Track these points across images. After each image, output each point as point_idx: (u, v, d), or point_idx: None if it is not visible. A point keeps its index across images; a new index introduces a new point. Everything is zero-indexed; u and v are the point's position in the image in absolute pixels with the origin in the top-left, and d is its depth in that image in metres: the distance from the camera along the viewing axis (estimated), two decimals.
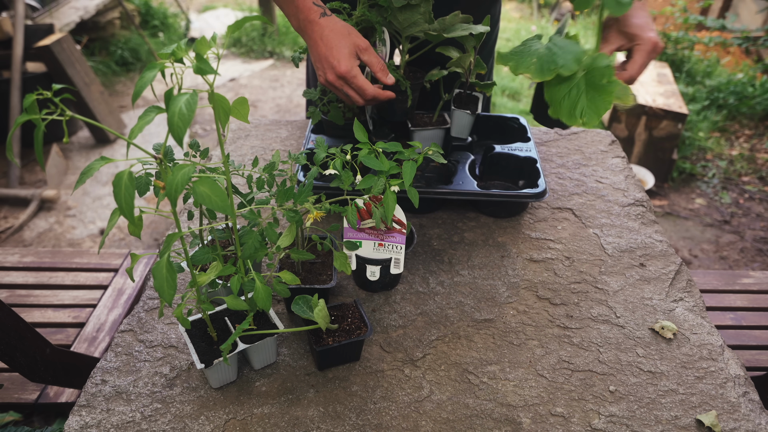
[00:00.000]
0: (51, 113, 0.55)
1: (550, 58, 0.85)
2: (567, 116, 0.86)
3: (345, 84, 1.02)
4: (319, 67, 1.03)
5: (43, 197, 2.88)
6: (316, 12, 1.01)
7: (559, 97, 0.86)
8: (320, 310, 0.79)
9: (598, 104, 0.84)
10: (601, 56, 0.86)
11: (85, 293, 1.59)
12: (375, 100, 1.03)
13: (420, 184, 1.13)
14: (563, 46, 0.86)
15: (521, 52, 0.88)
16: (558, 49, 0.86)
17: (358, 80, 1.00)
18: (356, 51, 1.01)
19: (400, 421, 0.80)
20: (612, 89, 0.83)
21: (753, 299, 1.58)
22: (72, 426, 0.78)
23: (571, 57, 0.84)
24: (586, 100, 0.85)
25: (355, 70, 1.00)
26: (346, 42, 1.00)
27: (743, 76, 3.95)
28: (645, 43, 1.00)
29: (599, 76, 0.84)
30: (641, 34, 1.01)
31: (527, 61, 0.86)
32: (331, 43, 1.00)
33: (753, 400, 0.85)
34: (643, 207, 1.24)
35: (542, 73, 0.84)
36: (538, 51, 0.87)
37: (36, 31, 3.39)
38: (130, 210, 0.58)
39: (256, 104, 4.11)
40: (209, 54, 0.59)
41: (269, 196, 0.86)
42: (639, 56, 1.01)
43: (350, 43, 1.00)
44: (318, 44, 1.01)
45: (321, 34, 1.00)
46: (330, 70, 1.01)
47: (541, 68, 0.85)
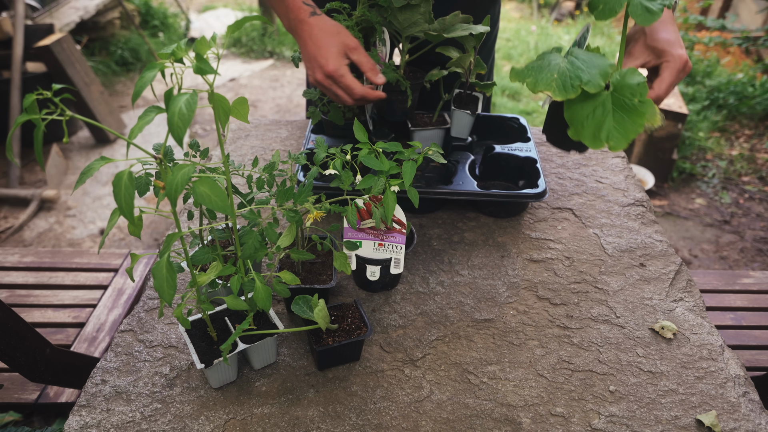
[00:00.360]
0: (51, 113, 0.55)
1: (574, 73, 0.75)
2: (590, 139, 0.76)
3: (333, 83, 1.01)
4: (309, 66, 1.03)
5: (43, 197, 2.88)
6: (305, 11, 1.02)
7: (582, 117, 0.76)
8: (320, 310, 0.79)
9: (627, 127, 0.74)
10: (632, 72, 0.76)
11: (85, 293, 1.59)
12: (364, 99, 1.03)
13: (420, 184, 1.13)
14: (587, 59, 0.77)
15: (539, 67, 0.78)
16: (581, 63, 0.76)
17: (346, 79, 1.00)
18: (345, 50, 1.01)
19: (400, 421, 0.80)
20: (644, 110, 0.73)
21: (753, 299, 1.58)
22: (72, 426, 0.78)
23: (596, 72, 0.75)
24: (614, 121, 0.74)
25: (343, 69, 0.99)
26: (334, 41, 0.99)
27: (743, 76, 3.95)
28: (675, 60, 0.92)
29: (629, 94, 0.74)
30: (671, 50, 0.92)
31: (547, 77, 0.76)
32: (320, 42, 1.00)
33: (753, 400, 0.85)
34: (643, 207, 1.24)
35: (565, 90, 0.75)
36: (558, 66, 0.77)
37: (36, 31, 3.39)
38: (130, 210, 0.58)
39: (256, 104, 4.11)
40: (209, 54, 0.59)
41: (269, 196, 0.86)
42: (668, 74, 0.92)
43: (339, 42, 1.00)
44: (307, 43, 1.01)
45: (310, 33, 1.00)
46: (318, 69, 1.01)
47: (564, 85, 0.75)
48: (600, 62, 0.76)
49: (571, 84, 0.74)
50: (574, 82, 0.75)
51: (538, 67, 0.78)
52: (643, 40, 0.95)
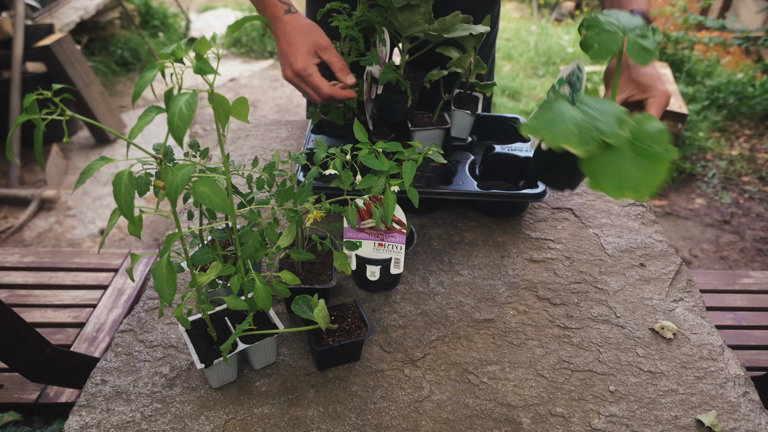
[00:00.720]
0: (51, 113, 0.55)
1: (591, 125, 0.70)
2: (613, 190, 0.71)
3: (302, 81, 1.04)
4: (281, 63, 1.06)
5: (43, 197, 2.88)
6: (280, 9, 1.04)
7: (602, 168, 0.71)
8: (320, 310, 0.79)
9: (651, 176, 0.70)
10: (648, 118, 0.72)
11: (85, 293, 1.59)
12: (332, 99, 1.05)
13: (420, 184, 1.13)
14: (599, 107, 0.72)
15: (552, 120, 0.73)
16: (596, 112, 0.72)
17: (313, 79, 1.02)
18: (316, 49, 1.03)
19: (400, 421, 0.80)
20: (669, 157, 0.69)
21: (753, 299, 1.58)
22: (72, 426, 0.78)
23: (613, 120, 0.71)
24: (638, 171, 0.70)
25: (311, 68, 1.02)
26: (305, 40, 1.02)
27: (743, 76, 3.95)
28: (660, 96, 0.93)
29: (649, 142, 0.71)
30: (656, 85, 0.94)
31: (564, 131, 0.71)
32: (291, 40, 1.02)
33: (753, 400, 0.85)
34: (643, 207, 1.24)
35: (585, 144, 0.69)
36: (573, 117, 0.72)
37: (36, 31, 3.39)
38: (130, 210, 0.58)
39: (256, 104, 4.11)
40: (209, 54, 0.59)
41: (269, 196, 0.86)
42: (654, 109, 0.93)
43: (309, 41, 1.02)
44: (280, 40, 1.04)
45: (283, 30, 1.03)
46: (288, 67, 1.04)
47: (583, 138, 0.70)
48: (613, 109, 0.73)
49: (591, 136, 0.70)
50: (593, 134, 0.70)
51: (551, 120, 0.73)
52: (628, 74, 0.96)
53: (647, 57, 0.75)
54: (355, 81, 1.07)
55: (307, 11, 1.40)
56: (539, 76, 4.56)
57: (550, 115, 0.74)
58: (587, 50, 0.76)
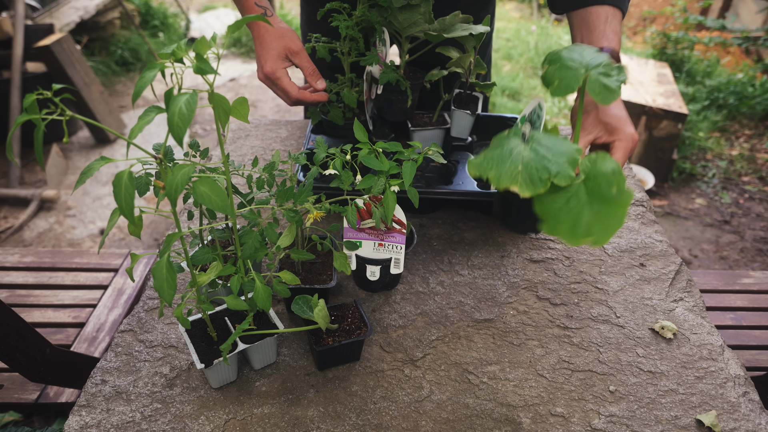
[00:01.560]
0: (51, 113, 0.55)
1: (540, 164, 0.65)
2: (568, 235, 0.66)
3: (272, 84, 1.09)
4: (257, 64, 1.10)
5: (43, 197, 2.88)
6: (257, 12, 1.09)
7: (555, 211, 0.66)
8: (320, 310, 0.79)
9: (608, 220, 0.64)
10: (603, 157, 0.66)
11: (85, 293, 1.59)
12: (300, 102, 1.09)
13: (420, 184, 1.13)
14: (551, 145, 0.67)
15: (500, 158, 0.68)
16: (546, 151, 0.67)
17: (282, 82, 1.07)
18: (287, 53, 1.07)
19: (400, 421, 0.80)
20: (626, 201, 0.63)
21: (753, 299, 1.58)
22: (72, 426, 0.78)
23: (564, 160, 0.66)
24: (592, 214, 0.65)
25: (280, 72, 1.07)
26: (277, 44, 1.06)
27: (743, 76, 3.95)
28: (627, 140, 0.90)
29: (605, 184, 0.65)
30: (623, 128, 0.90)
31: (511, 171, 0.66)
32: (264, 43, 1.07)
33: (753, 400, 0.85)
34: (643, 207, 1.24)
35: (533, 185, 0.65)
36: (522, 155, 0.67)
37: (36, 31, 3.39)
38: (130, 210, 0.58)
39: (256, 104, 4.11)
40: (209, 54, 0.59)
41: (269, 196, 0.86)
42: (620, 154, 0.90)
43: (281, 46, 1.06)
44: (255, 43, 1.09)
45: (258, 33, 1.08)
46: (260, 69, 1.09)
47: (531, 179, 0.65)
48: (566, 148, 0.67)
49: (539, 177, 0.65)
50: (542, 174, 0.65)
51: (499, 158, 0.68)
52: (595, 114, 0.93)
53: (609, 96, 0.71)
54: (325, 85, 1.12)
55: (302, 12, 1.40)
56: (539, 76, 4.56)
57: (498, 152, 0.69)
58: (548, 86, 0.73)
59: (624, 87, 3.34)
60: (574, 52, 0.75)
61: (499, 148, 0.69)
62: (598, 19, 1.00)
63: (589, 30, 1.01)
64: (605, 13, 1.00)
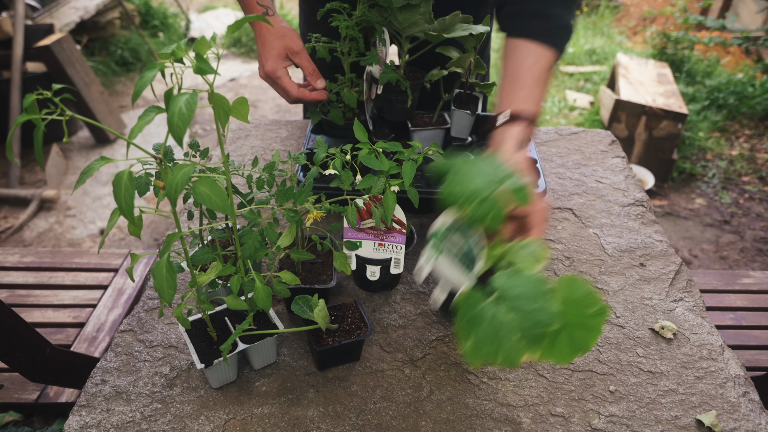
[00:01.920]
0: (51, 113, 0.55)
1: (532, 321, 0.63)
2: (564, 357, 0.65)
3: (273, 83, 1.11)
4: (259, 63, 1.12)
5: (43, 197, 2.88)
6: (259, 11, 1.10)
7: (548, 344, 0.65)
8: (320, 310, 0.79)
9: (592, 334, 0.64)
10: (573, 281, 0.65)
11: (85, 293, 1.59)
12: (300, 100, 1.11)
13: (420, 184, 1.13)
14: (522, 291, 0.64)
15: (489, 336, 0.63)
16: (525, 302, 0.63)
17: (282, 81, 1.09)
18: (287, 53, 1.08)
19: (400, 421, 0.80)
20: (604, 315, 0.64)
21: (753, 299, 1.58)
22: (72, 426, 0.78)
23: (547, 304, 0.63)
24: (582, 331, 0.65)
25: (280, 72, 1.08)
26: (277, 44, 1.07)
27: (743, 76, 3.95)
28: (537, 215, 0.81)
29: (582, 308, 0.65)
30: (531, 209, 0.81)
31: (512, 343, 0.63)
32: (266, 42, 1.08)
33: (753, 400, 0.85)
34: (643, 207, 1.24)
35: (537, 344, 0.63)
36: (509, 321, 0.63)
37: (36, 31, 3.39)
38: (130, 210, 0.58)
39: (256, 104, 4.11)
40: (209, 54, 0.59)
41: (269, 196, 0.86)
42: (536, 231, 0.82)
43: (282, 45, 1.08)
44: (257, 42, 1.11)
45: (260, 32, 1.09)
46: (261, 68, 1.10)
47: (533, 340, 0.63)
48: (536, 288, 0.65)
49: (538, 335, 0.63)
50: (537, 330, 0.62)
51: (488, 336, 0.63)
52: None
53: (525, 197, 0.72)
54: (325, 84, 1.13)
55: (300, 12, 1.40)
56: None
57: (485, 330, 0.64)
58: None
59: (624, 87, 3.34)
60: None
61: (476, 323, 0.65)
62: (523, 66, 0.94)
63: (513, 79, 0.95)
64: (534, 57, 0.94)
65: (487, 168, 0.74)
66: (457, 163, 0.75)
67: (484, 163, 0.75)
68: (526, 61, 0.95)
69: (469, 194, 0.71)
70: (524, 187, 0.74)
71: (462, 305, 0.67)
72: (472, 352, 0.65)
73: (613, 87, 3.68)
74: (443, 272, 0.80)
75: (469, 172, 0.73)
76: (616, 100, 3.19)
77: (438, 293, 0.82)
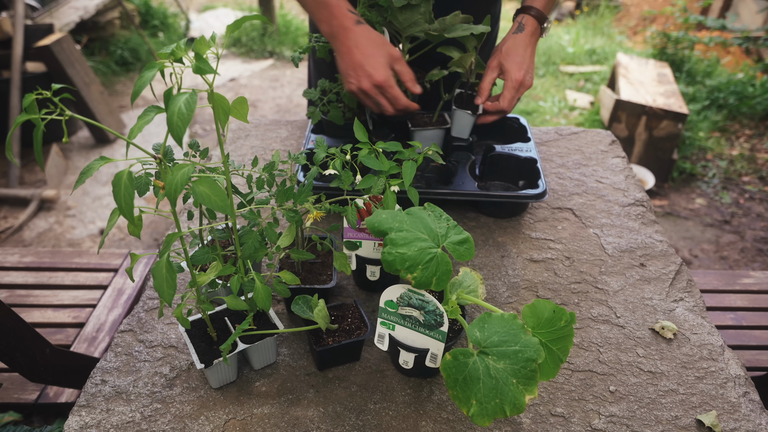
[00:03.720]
0: (50, 113, 0.55)
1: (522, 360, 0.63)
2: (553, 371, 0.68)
3: (379, 93, 1.05)
4: (352, 74, 1.04)
5: (43, 197, 2.88)
6: (351, 19, 1.03)
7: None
8: (320, 310, 0.79)
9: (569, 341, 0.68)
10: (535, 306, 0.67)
11: (85, 293, 1.59)
12: (405, 110, 1.08)
13: (420, 184, 1.13)
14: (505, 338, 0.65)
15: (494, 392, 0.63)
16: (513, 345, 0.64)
17: (394, 90, 1.04)
18: (390, 61, 1.04)
19: (400, 421, 0.80)
20: (573, 323, 0.67)
21: (753, 299, 1.58)
22: (72, 426, 0.78)
23: (529, 341, 0.64)
24: (552, 357, 0.67)
25: (392, 80, 1.04)
26: (381, 51, 1.02)
27: (743, 76, 3.95)
28: (511, 80, 1.11)
29: (552, 323, 0.67)
30: (511, 71, 1.11)
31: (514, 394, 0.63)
32: (368, 51, 1.02)
33: (753, 400, 0.85)
34: (643, 207, 1.24)
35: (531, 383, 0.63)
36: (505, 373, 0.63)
37: (36, 31, 3.39)
38: (130, 210, 0.58)
39: (256, 104, 4.11)
40: (209, 54, 0.59)
41: (269, 196, 0.86)
42: (507, 92, 1.12)
43: (386, 53, 1.03)
44: (353, 52, 1.02)
45: (356, 41, 1.02)
46: (366, 78, 1.03)
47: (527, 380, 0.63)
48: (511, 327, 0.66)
49: (530, 372, 0.64)
50: (528, 368, 0.64)
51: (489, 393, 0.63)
52: (498, 57, 1.13)
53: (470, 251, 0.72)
54: (422, 90, 1.10)
55: None
56: (539, 75, 4.56)
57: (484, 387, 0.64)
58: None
59: (624, 86, 3.34)
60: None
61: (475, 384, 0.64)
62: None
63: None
64: None
65: (426, 225, 0.72)
66: (391, 223, 0.71)
67: (421, 220, 0.72)
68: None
69: (411, 260, 0.68)
70: (467, 239, 0.72)
71: (447, 370, 0.66)
72: (480, 415, 0.64)
73: (613, 87, 3.68)
74: (405, 340, 0.79)
75: (407, 234, 0.70)
76: (617, 100, 3.19)
77: (406, 357, 0.81)
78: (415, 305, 0.75)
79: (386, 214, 0.72)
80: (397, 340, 0.79)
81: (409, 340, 0.78)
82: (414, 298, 0.75)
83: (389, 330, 0.79)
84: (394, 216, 0.72)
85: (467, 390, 0.64)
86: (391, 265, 0.68)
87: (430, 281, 0.68)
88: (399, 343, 0.79)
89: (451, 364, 0.65)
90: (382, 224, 0.71)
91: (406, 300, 0.76)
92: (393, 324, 0.79)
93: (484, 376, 0.64)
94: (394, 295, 0.76)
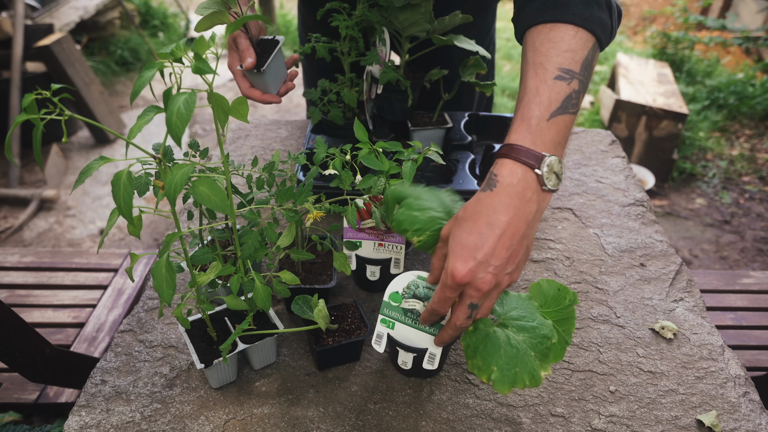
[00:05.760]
0: (50, 113, 0.55)
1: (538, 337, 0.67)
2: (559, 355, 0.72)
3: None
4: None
5: (42, 197, 2.88)
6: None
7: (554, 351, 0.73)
8: (320, 310, 0.79)
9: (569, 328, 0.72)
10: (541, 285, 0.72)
11: (84, 293, 1.58)
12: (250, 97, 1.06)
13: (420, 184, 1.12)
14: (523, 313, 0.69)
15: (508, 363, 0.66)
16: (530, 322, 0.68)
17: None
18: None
19: (400, 421, 0.80)
20: (575, 303, 0.72)
21: (753, 299, 1.58)
22: (72, 426, 0.78)
23: (548, 328, 0.68)
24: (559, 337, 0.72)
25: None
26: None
27: (743, 76, 3.95)
28: (447, 274, 0.67)
29: (558, 302, 0.72)
30: (451, 257, 0.66)
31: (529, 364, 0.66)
32: None
33: (753, 400, 0.85)
34: (643, 207, 1.24)
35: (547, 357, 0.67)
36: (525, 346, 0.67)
37: (36, 31, 3.39)
38: (129, 210, 0.58)
39: (255, 104, 4.10)
40: (208, 54, 0.59)
41: (269, 196, 0.86)
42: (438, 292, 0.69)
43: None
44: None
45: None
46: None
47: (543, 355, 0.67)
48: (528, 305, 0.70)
49: (546, 348, 0.67)
50: (544, 344, 0.67)
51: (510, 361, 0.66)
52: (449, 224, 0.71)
53: None
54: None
55: (299, 13, 1.40)
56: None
57: (506, 355, 0.66)
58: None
59: (624, 86, 3.34)
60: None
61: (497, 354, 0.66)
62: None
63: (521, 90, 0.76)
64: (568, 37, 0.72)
65: (441, 200, 0.76)
66: (412, 192, 0.75)
67: (438, 195, 0.76)
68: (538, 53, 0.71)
69: (421, 224, 0.72)
70: None
71: (468, 339, 0.69)
72: (500, 381, 0.66)
73: (613, 87, 3.68)
74: (404, 339, 0.79)
75: (423, 202, 0.74)
76: (617, 100, 3.19)
77: (404, 357, 0.82)
78: (420, 296, 0.77)
79: (407, 185, 0.77)
80: (396, 340, 0.79)
81: (408, 340, 0.79)
82: (421, 287, 0.78)
83: (388, 329, 0.79)
84: (414, 187, 0.76)
85: (488, 357, 0.66)
86: (401, 224, 0.72)
87: (432, 247, 0.72)
88: (398, 343, 0.79)
89: (472, 333, 0.68)
90: (402, 192, 0.75)
91: (413, 290, 0.78)
92: (393, 322, 0.79)
93: (505, 345, 0.67)
94: (402, 284, 0.79)
